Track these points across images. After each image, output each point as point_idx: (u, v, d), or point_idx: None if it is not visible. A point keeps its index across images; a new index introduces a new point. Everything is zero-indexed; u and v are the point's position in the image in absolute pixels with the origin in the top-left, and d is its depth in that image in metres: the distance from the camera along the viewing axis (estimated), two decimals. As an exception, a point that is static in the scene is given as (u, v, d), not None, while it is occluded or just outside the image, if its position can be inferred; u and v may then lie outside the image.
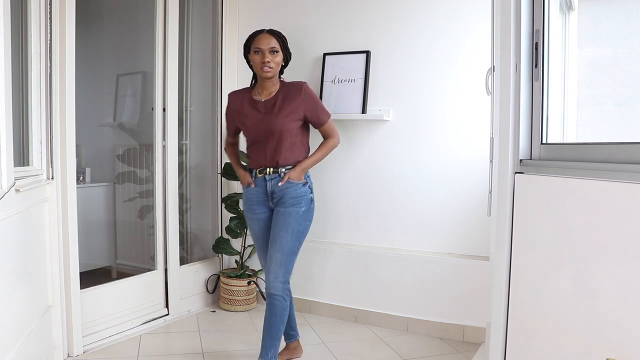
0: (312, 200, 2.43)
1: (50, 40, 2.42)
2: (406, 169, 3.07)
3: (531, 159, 1.63)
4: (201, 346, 2.76)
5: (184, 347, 2.75)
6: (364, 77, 3.11)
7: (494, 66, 1.93)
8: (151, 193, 3.24)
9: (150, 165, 3.33)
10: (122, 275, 3.38)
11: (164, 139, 3.14)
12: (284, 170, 2.37)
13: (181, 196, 3.39)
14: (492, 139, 1.99)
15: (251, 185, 2.41)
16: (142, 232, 3.73)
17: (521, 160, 1.63)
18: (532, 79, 1.62)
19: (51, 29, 2.43)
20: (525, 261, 1.59)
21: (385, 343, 2.84)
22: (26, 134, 2.38)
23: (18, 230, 2.00)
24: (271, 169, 2.37)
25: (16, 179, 1.90)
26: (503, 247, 1.65)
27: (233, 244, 3.44)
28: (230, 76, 3.51)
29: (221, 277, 3.39)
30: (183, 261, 3.35)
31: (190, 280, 3.33)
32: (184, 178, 3.61)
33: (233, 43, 3.50)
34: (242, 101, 2.43)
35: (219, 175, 3.52)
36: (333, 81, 3.19)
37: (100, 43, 3.97)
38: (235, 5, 3.49)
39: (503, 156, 1.64)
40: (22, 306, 2.03)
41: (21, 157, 2.35)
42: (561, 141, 1.89)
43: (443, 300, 2.92)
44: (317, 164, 2.48)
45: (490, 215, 2.02)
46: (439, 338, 2.90)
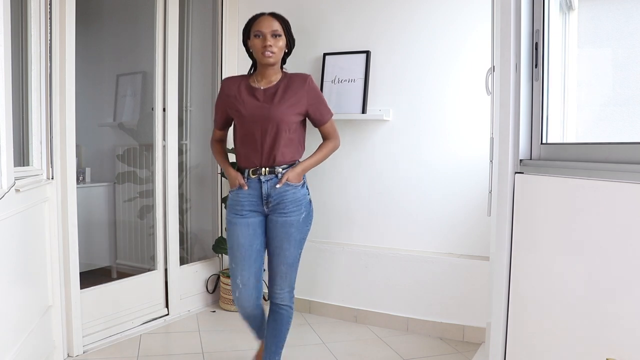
0: (311, 201, 2.25)
1: (50, 40, 2.42)
2: (406, 169, 3.07)
3: (531, 159, 1.63)
4: (201, 346, 2.76)
5: (184, 347, 2.75)
6: (364, 77, 3.11)
7: (494, 66, 1.94)
8: (151, 193, 3.24)
9: (150, 165, 3.33)
10: (122, 275, 3.38)
11: (164, 139, 3.14)
12: (282, 170, 2.13)
13: (181, 196, 3.39)
14: (492, 139, 1.99)
15: (244, 187, 2.13)
16: (142, 232, 3.73)
17: (521, 160, 1.63)
18: (532, 79, 1.62)
19: (51, 29, 2.43)
20: (525, 261, 1.59)
21: (385, 343, 2.84)
22: (26, 134, 2.38)
23: (18, 230, 2.00)
24: (267, 169, 2.12)
25: (16, 179, 1.90)
26: (503, 247, 1.65)
27: (233, 244, 3.44)
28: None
29: (221, 277, 3.39)
30: (183, 261, 3.35)
31: (190, 280, 3.33)
32: (184, 178, 3.61)
33: (233, 43, 3.49)
34: (239, 87, 2.17)
35: (219, 175, 3.53)
36: (333, 81, 3.19)
37: (100, 43, 3.97)
38: (235, 5, 3.49)
39: (503, 156, 1.64)
40: (22, 306, 2.03)
41: (21, 157, 2.35)
42: (561, 141, 1.89)
43: (443, 300, 2.92)
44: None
45: (490, 215, 2.02)
46: (439, 338, 2.90)
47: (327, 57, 3.22)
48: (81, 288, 2.61)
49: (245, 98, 2.14)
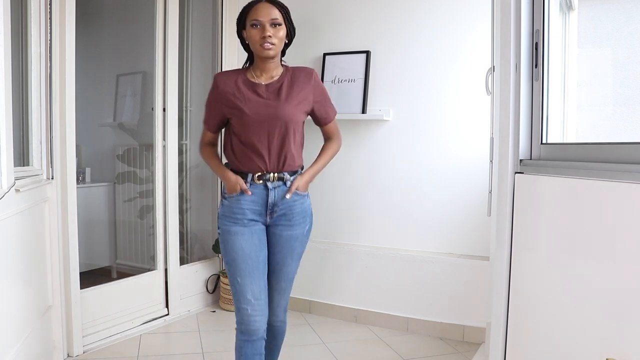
0: (312, 212, 2.04)
1: (50, 40, 2.42)
2: (406, 169, 3.07)
3: (531, 159, 1.63)
4: (201, 346, 2.76)
5: (184, 347, 2.75)
6: (364, 77, 3.11)
7: (494, 66, 1.94)
8: (151, 193, 3.24)
9: (150, 165, 3.33)
10: (122, 275, 3.38)
11: (164, 139, 3.14)
12: (290, 177, 1.91)
13: (181, 196, 3.39)
14: (492, 139, 1.99)
15: (247, 192, 1.87)
16: (142, 232, 3.73)
17: (521, 160, 1.63)
18: (532, 79, 1.62)
19: (51, 29, 2.43)
20: (525, 261, 1.59)
21: (385, 343, 2.84)
22: (26, 134, 2.38)
23: (18, 230, 2.00)
24: (275, 175, 1.88)
25: (16, 179, 1.90)
26: (503, 247, 1.65)
27: (233, 244, 3.44)
28: (230, 76, 3.51)
29: (221, 277, 3.39)
30: (183, 261, 3.35)
31: (190, 280, 3.33)
32: (184, 178, 3.61)
33: (233, 43, 3.49)
34: (236, 82, 1.91)
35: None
36: (333, 81, 3.19)
37: (100, 43, 3.97)
38: (235, 5, 3.49)
39: (503, 156, 1.64)
40: (22, 306, 2.03)
41: (21, 157, 2.35)
42: (561, 141, 1.89)
43: (443, 300, 2.92)
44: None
45: (490, 215, 2.02)
46: (439, 338, 2.90)
47: (327, 57, 3.22)
48: (81, 288, 2.61)
49: (246, 95, 1.88)
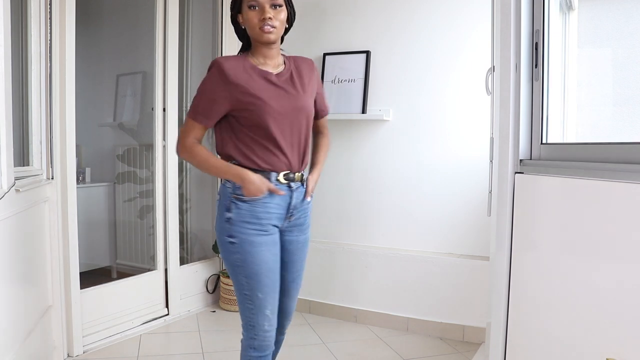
0: None
1: (50, 40, 2.42)
2: (406, 169, 3.07)
3: (531, 159, 1.63)
4: (201, 346, 2.76)
5: (184, 347, 2.75)
6: (364, 77, 3.11)
7: (494, 66, 1.93)
8: (151, 193, 3.24)
9: (150, 165, 3.33)
10: (122, 275, 3.38)
11: (164, 139, 3.14)
12: (304, 177, 1.77)
13: (181, 196, 3.39)
14: (492, 139, 1.99)
15: (279, 193, 1.68)
16: (142, 232, 3.73)
17: (521, 160, 1.63)
18: (532, 79, 1.62)
19: (51, 29, 2.43)
20: (525, 261, 1.59)
21: (385, 343, 2.84)
22: (26, 134, 2.38)
23: (18, 230, 2.00)
24: (298, 174, 1.73)
25: (16, 179, 1.90)
26: (503, 247, 1.65)
27: (233, 244, 3.43)
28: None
29: (221, 277, 3.39)
30: (183, 261, 3.34)
31: (190, 280, 3.33)
32: (184, 178, 3.61)
33: (233, 43, 3.49)
34: (245, 68, 1.67)
35: (219, 175, 3.52)
36: (333, 81, 3.19)
37: (100, 43, 3.97)
38: (235, 5, 3.49)
39: (503, 156, 1.64)
40: (22, 306, 2.03)
41: (21, 157, 2.35)
42: (561, 141, 1.89)
43: (443, 300, 2.92)
44: None
45: (490, 215, 2.02)
46: (439, 338, 2.90)
47: (327, 57, 3.22)
48: (81, 288, 2.61)
49: (262, 84, 1.67)
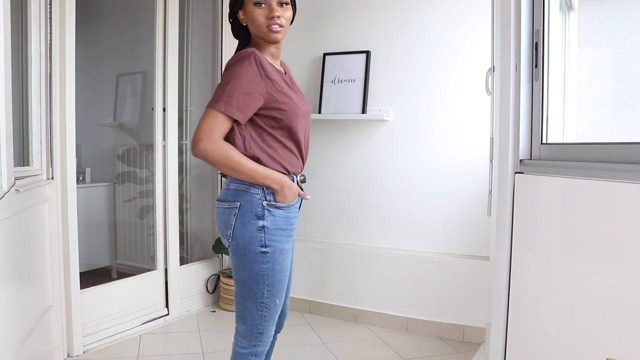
0: None
1: (50, 40, 2.42)
2: (406, 169, 3.07)
3: (531, 159, 1.63)
4: (201, 346, 2.76)
5: (184, 347, 2.75)
6: (364, 77, 3.11)
7: (494, 66, 1.93)
8: (151, 193, 3.24)
9: (150, 165, 3.33)
10: (122, 275, 3.38)
11: (164, 139, 3.14)
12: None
13: (181, 196, 3.39)
14: (492, 139, 1.98)
15: (307, 197, 1.66)
16: (142, 232, 3.73)
17: (521, 160, 1.63)
18: (532, 79, 1.62)
19: (51, 29, 2.43)
20: (525, 261, 1.59)
21: (385, 343, 2.84)
22: (26, 134, 2.38)
23: (18, 230, 2.00)
24: (304, 177, 1.70)
25: (16, 179, 1.90)
26: (503, 247, 1.65)
27: (233, 244, 3.43)
28: (230, 76, 3.51)
29: (221, 277, 3.39)
30: (183, 261, 3.35)
31: (190, 280, 3.33)
32: (184, 178, 3.61)
33: (233, 43, 3.48)
34: (272, 65, 1.62)
35: (219, 175, 3.52)
36: (333, 81, 3.19)
37: (100, 43, 3.97)
38: (235, 5, 3.49)
39: (503, 156, 1.64)
40: (22, 306, 2.03)
41: (21, 157, 2.35)
42: (561, 141, 1.89)
43: (443, 300, 2.92)
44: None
45: (490, 215, 2.02)
46: (439, 338, 2.90)
47: (327, 57, 3.22)
48: (81, 288, 2.61)
49: (284, 85, 1.62)
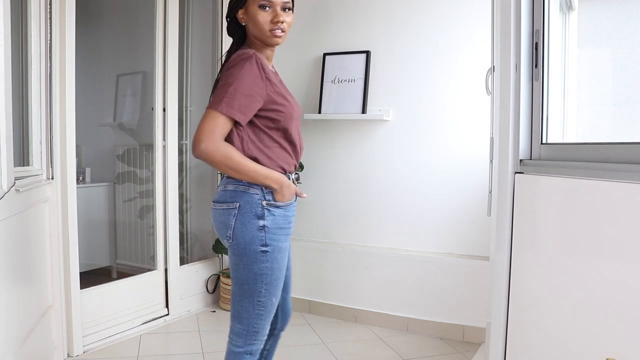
0: None
1: (50, 40, 2.42)
2: (406, 169, 3.07)
3: (531, 159, 1.63)
4: (201, 346, 2.76)
5: (184, 347, 2.75)
6: (364, 77, 3.11)
7: (494, 66, 1.93)
8: (151, 193, 3.24)
9: (150, 165, 3.33)
10: (122, 275, 3.38)
11: (164, 139, 3.14)
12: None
13: (181, 196, 3.39)
14: (492, 139, 1.98)
15: (303, 195, 1.66)
16: (142, 232, 3.73)
17: (521, 160, 1.63)
18: (532, 79, 1.62)
19: (51, 29, 2.43)
20: (525, 261, 1.59)
21: (385, 343, 2.84)
22: (26, 134, 2.38)
23: (18, 230, 2.00)
24: (297, 175, 1.73)
25: (16, 179, 1.90)
26: (503, 247, 1.65)
27: (233, 244, 3.43)
28: (230, 76, 3.51)
29: (221, 277, 3.39)
30: (183, 261, 3.35)
31: (190, 280, 3.33)
32: (184, 178, 3.61)
33: (233, 43, 3.49)
34: (269, 69, 1.63)
35: (219, 175, 3.52)
36: (333, 81, 3.19)
37: (100, 43, 3.97)
38: (235, 5, 3.49)
39: (503, 156, 1.64)
40: (22, 306, 2.03)
41: (21, 157, 2.35)
42: (561, 141, 1.89)
43: (443, 300, 2.92)
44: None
45: (490, 215, 2.02)
46: (439, 338, 2.90)
47: (327, 57, 3.22)
48: (81, 288, 2.61)
49: (281, 87, 1.64)
